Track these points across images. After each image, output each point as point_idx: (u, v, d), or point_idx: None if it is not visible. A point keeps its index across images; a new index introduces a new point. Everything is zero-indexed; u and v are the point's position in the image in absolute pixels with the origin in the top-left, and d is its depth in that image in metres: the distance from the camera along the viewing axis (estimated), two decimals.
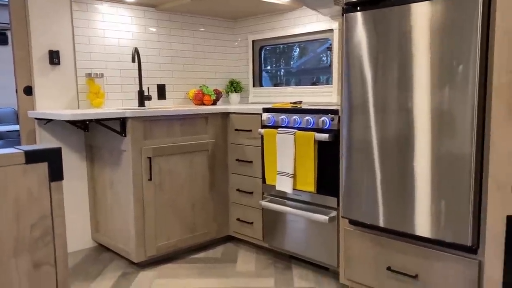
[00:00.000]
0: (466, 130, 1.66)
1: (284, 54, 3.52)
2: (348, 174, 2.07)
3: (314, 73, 3.31)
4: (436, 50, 1.71)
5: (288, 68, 3.49)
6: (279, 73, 3.57)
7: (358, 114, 2.00)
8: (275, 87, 3.42)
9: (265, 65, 3.61)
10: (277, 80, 3.57)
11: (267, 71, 3.62)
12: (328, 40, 3.11)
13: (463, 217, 1.70)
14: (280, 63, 3.57)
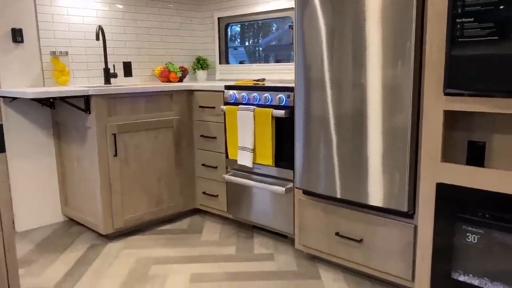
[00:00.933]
0: (405, 105, 1.80)
1: (249, 31, 3.60)
2: (303, 148, 2.20)
3: (278, 50, 3.40)
4: (385, 29, 1.83)
5: (254, 45, 3.57)
6: (245, 51, 3.65)
7: (313, 90, 2.12)
8: (240, 65, 3.51)
9: (231, 42, 3.68)
10: (243, 57, 3.65)
11: (234, 48, 3.69)
12: (290, 18, 3.19)
13: (401, 185, 1.86)
14: (246, 41, 3.64)
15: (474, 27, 1.52)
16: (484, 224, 1.63)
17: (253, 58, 3.59)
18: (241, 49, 3.67)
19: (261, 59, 3.52)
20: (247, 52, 3.63)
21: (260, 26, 3.51)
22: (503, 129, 1.70)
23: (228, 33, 3.66)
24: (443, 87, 1.64)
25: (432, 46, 1.67)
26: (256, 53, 3.56)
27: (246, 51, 3.65)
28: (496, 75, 1.49)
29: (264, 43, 3.51)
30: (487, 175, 1.59)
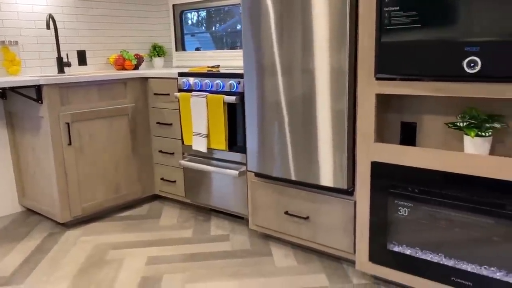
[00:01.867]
0: (343, 88, 1.91)
1: (205, 18, 3.63)
2: (254, 132, 2.29)
3: (233, 37, 3.46)
4: (327, 16, 1.92)
5: (210, 32, 3.61)
6: (201, 38, 3.68)
7: (262, 75, 2.20)
8: (196, 51, 3.55)
9: (187, 29, 3.71)
10: (199, 44, 3.69)
11: (191, 35, 3.72)
12: None
13: (341, 165, 1.98)
14: (202, 27, 3.68)
15: (400, 15, 1.63)
16: (413, 198, 1.78)
17: (209, 45, 3.63)
18: (198, 36, 3.70)
19: (218, 46, 3.57)
20: (204, 39, 3.67)
21: (216, 12, 3.55)
22: (432, 110, 1.84)
23: (184, 20, 3.68)
24: (374, 72, 1.76)
25: (364, 34, 1.77)
26: (212, 40, 3.60)
27: (202, 38, 3.68)
28: (422, 60, 1.61)
29: (220, 30, 3.55)
30: (416, 153, 1.73)
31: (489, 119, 1.63)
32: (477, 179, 1.60)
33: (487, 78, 1.48)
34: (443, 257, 1.75)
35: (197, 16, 3.67)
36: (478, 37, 1.46)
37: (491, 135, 1.63)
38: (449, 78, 1.57)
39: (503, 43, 1.42)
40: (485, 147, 1.64)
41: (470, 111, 1.68)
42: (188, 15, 3.68)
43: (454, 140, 1.80)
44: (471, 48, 1.48)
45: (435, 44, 1.56)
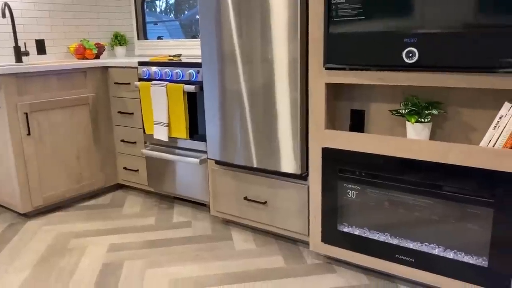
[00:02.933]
0: (296, 77, 1.98)
1: (167, 7, 3.63)
2: (214, 120, 2.35)
3: (195, 26, 3.48)
4: (282, 7, 1.98)
5: (172, 21, 3.62)
6: (164, 26, 3.69)
7: (222, 63, 2.25)
8: (158, 40, 3.55)
9: (149, 17, 3.70)
10: (162, 33, 3.69)
11: (154, 23, 3.71)
12: None
13: (296, 151, 2.06)
14: (165, 16, 3.68)
15: (346, 7, 1.71)
16: (361, 182, 1.88)
17: (172, 34, 3.64)
18: (160, 25, 3.70)
19: (180, 35, 3.58)
20: (166, 27, 3.67)
21: (178, 1, 3.55)
22: (379, 98, 1.95)
23: (146, 9, 3.67)
24: (324, 62, 1.84)
25: (314, 25, 1.85)
26: (175, 29, 3.61)
27: (165, 27, 3.69)
28: (367, 51, 1.70)
29: (183, 19, 3.57)
30: (363, 139, 1.83)
31: (428, 106, 1.74)
32: (417, 163, 1.71)
33: (424, 68, 1.58)
34: (389, 236, 1.86)
35: (159, 5, 3.66)
36: (416, 29, 1.56)
37: (430, 121, 1.74)
38: (391, 68, 1.67)
39: (437, 35, 1.52)
40: (425, 133, 1.75)
41: (412, 99, 1.79)
42: (150, 3, 3.67)
43: (399, 126, 1.91)
44: (409, 39, 1.58)
45: (378, 36, 1.65)
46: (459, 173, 1.62)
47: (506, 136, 1.54)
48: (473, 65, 1.48)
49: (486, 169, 1.56)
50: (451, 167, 1.63)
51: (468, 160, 1.59)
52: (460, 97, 1.73)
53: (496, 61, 1.44)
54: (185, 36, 3.56)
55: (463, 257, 1.68)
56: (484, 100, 1.68)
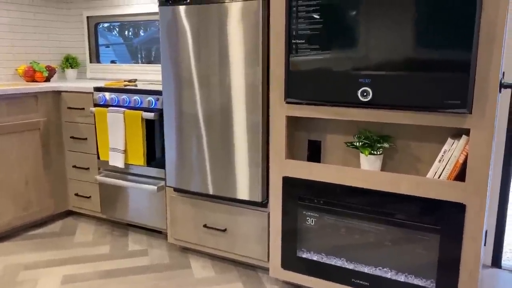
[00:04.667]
0: (258, 108, 2.07)
1: (122, 31, 3.62)
2: (173, 148, 2.37)
3: (150, 51, 3.50)
4: (242, 38, 2.06)
5: (126, 45, 3.61)
6: (117, 50, 3.66)
7: (182, 90, 2.28)
8: (112, 64, 3.52)
9: (102, 40, 3.66)
10: (115, 56, 3.66)
11: (106, 46, 3.68)
12: None
13: (256, 179, 2.13)
14: (119, 40, 3.66)
15: (305, 47, 1.83)
16: (319, 209, 1.98)
17: (125, 58, 3.62)
18: (114, 48, 3.68)
19: (134, 59, 3.57)
20: (120, 51, 3.65)
21: (133, 26, 3.56)
22: (334, 130, 2.07)
23: (98, 32, 3.63)
24: (285, 97, 1.94)
25: (275, 62, 1.95)
26: (129, 53, 3.60)
27: (118, 51, 3.66)
28: (325, 88, 1.82)
29: (137, 43, 3.57)
30: (320, 169, 1.94)
31: (380, 139, 1.89)
32: (372, 192, 1.84)
33: (377, 106, 1.73)
34: (345, 261, 1.97)
35: (113, 29, 3.64)
36: (369, 71, 1.71)
37: (382, 153, 1.89)
38: (347, 105, 1.80)
39: (389, 77, 1.67)
40: (378, 164, 1.89)
41: (365, 132, 1.93)
42: (103, 27, 3.64)
43: (353, 157, 2.04)
44: (363, 80, 1.72)
45: (336, 75, 1.78)
46: (409, 202, 1.76)
47: (449, 168, 1.70)
48: (420, 105, 1.64)
49: (433, 199, 1.71)
50: (403, 197, 1.77)
51: (417, 190, 1.74)
52: (408, 132, 1.89)
53: (440, 102, 1.60)
54: (132, 60, 3.56)
55: (413, 280, 1.82)
56: (429, 135, 1.85)
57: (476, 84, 1.56)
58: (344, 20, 1.73)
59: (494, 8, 1.50)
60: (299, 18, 1.82)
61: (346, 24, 1.73)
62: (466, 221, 1.67)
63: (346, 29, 1.73)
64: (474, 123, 1.60)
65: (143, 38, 3.55)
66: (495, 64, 1.53)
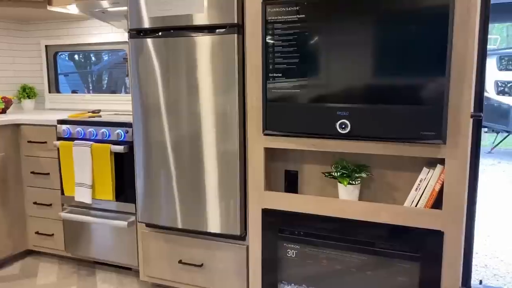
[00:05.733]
0: (234, 141, 2.05)
1: (83, 60, 3.52)
2: (144, 181, 2.30)
3: (113, 81, 3.42)
4: (215, 71, 2.06)
5: (88, 74, 3.51)
6: (78, 80, 3.55)
7: (151, 124, 2.23)
8: (73, 94, 3.40)
9: (62, 70, 3.54)
10: (76, 86, 3.55)
11: (66, 76, 3.56)
12: (124, 50, 3.25)
13: (234, 212, 2.11)
14: (80, 70, 3.55)
15: (283, 81, 1.85)
16: (299, 241, 1.98)
17: (87, 88, 3.51)
18: (75, 78, 3.56)
19: (96, 89, 3.48)
20: (81, 81, 3.54)
21: (94, 55, 3.47)
22: (311, 160, 2.09)
23: (58, 61, 3.51)
24: (263, 129, 1.94)
25: (252, 95, 1.96)
26: (90, 83, 3.50)
27: (79, 80, 3.55)
28: (304, 121, 1.84)
29: (99, 73, 3.48)
30: (299, 200, 1.95)
31: (357, 169, 1.93)
32: (352, 222, 1.86)
33: (356, 137, 1.77)
34: None
35: (73, 58, 3.53)
36: (348, 104, 1.75)
37: (359, 183, 1.92)
38: (326, 136, 1.83)
39: (367, 110, 1.72)
40: (356, 193, 1.92)
41: (342, 162, 1.96)
42: (62, 56, 3.52)
43: (330, 186, 2.07)
44: (342, 112, 1.76)
45: (314, 108, 1.81)
46: (389, 231, 1.80)
47: (426, 197, 1.76)
48: (398, 136, 1.70)
49: (412, 227, 1.76)
50: (382, 226, 1.81)
51: (396, 219, 1.78)
52: (383, 161, 1.95)
53: (416, 133, 1.66)
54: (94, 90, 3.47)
55: None
56: (404, 164, 1.91)
57: (450, 116, 1.64)
58: (321, 54, 1.77)
59: (463, 45, 1.59)
60: (276, 52, 1.85)
61: (323, 58, 1.77)
62: (444, 248, 1.72)
63: (323, 63, 1.77)
64: (448, 153, 1.67)
65: (105, 67, 3.47)
66: (466, 96, 1.62)
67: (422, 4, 1.59)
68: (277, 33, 1.83)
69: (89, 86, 3.50)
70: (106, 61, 3.48)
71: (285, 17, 1.80)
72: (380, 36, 1.67)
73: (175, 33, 2.11)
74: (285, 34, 1.81)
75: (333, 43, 1.75)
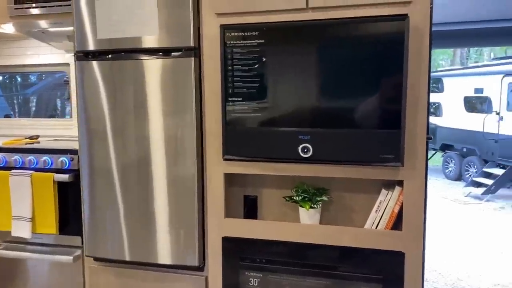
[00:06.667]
0: (190, 166, 1.98)
1: (18, 83, 3.28)
2: (90, 212, 2.14)
3: (52, 104, 3.21)
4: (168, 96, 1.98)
5: (24, 97, 3.27)
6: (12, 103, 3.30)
7: (97, 150, 2.10)
8: (6, 119, 3.15)
9: None
10: (9, 110, 3.29)
11: None
12: (64, 72, 3.07)
13: (191, 241, 2.02)
14: (14, 92, 3.31)
15: (243, 105, 1.83)
16: (262, 268, 1.93)
17: (19, 112, 3.28)
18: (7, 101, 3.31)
19: (32, 113, 3.25)
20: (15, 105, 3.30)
21: (30, 77, 3.25)
22: (270, 184, 2.07)
23: None
24: (222, 154, 1.90)
25: (211, 120, 1.92)
26: (26, 107, 3.26)
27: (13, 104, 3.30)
28: (264, 144, 1.82)
29: (37, 96, 3.26)
30: (261, 226, 1.91)
31: (317, 192, 1.93)
32: (313, 246, 1.85)
33: (318, 161, 1.77)
34: None
35: (9, 80, 3.29)
36: (309, 128, 1.75)
37: (320, 206, 1.93)
38: (288, 160, 1.82)
39: (328, 134, 1.74)
40: (317, 217, 1.92)
41: (302, 186, 1.96)
42: None
43: (290, 210, 2.05)
44: (303, 136, 1.76)
45: (275, 132, 1.80)
46: (351, 254, 1.81)
47: (386, 218, 1.79)
48: (359, 160, 1.73)
49: (374, 249, 1.78)
50: (345, 249, 1.81)
51: (359, 242, 1.79)
52: (342, 183, 1.97)
53: (376, 156, 1.70)
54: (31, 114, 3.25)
55: None
56: (362, 186, 1.94)
57: (407, 139, 1.69)
58: (281, 78, 1.77)
59: (417, 71, 1.67)
60: (235, 76, 1.82)
61: (283, 83, 1.77)
62: (406, 268, 1.75)
63: (283, 88, 1.77)
64: (406, 175, 1.72)
65: (44, 90, 3.26)
66: (421, 120, 1.68)
67: (380, 31, 1.65)
68: (237, 57, 1.81)
69: (24, 110, 3.26)
70: (43, 83, 3.28)
71: (244, 42, 1.79)
72: (339, 62, 1.70)
73: (126, 55, 2.02)
74: (245, 58, 1.80)
75: (293, 67, 1.76)
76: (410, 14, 1.63)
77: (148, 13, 1.93)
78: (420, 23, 1.65)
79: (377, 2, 1.67)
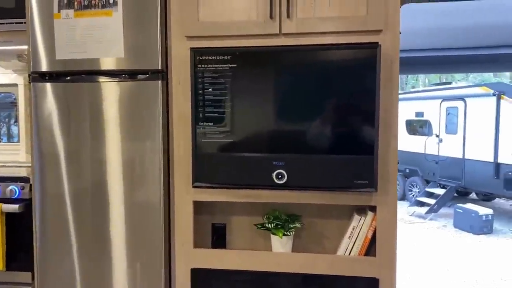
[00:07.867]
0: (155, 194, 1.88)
1: None
2: (41, 245, 1.97)
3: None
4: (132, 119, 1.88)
5: None
6: None
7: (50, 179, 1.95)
8: None
9: None
10: None
11: None
12: (12, 94, 2.86)
13: (156, 275, 1.90)
14: None
15: (214, 130, 1.77)
16: None
17: None
18: None
19: None
20: None
21: None
22: (240, 211, 2.01)
23: None
24: (192, 181, 1.82)
25: (179, 145, 1.84)
26: None
27: None
28: (237, 171, 1.77)
29: None
30: (232, 256, 1.84)
31: (289, 219, 1.89)
32: (286, 275, 1.80)
33: (292, 187, 1.74)
34: None
35: None
36: (283, 154, 1.73)
37: (293, 234, 1.89)
38: (261, 187, 1.77)
39: (303, 160, 1.72)
40: (289, 244, 1.88)
41: (274, 213, 1.91)
42: None
43: (261, 238, 1.99)
44: (278, 162, 1.73)
45: (248, 158, 1.75)
46: (325, 281, 1.78)
47: (360, 244, 1.79)
48: (333, 185, 1.72)
49: (348, 276, 1.76)
50: (319, 276, 1.78)
51: (333, 269, 1.77)
52: (313, 210, 1.95)
53: (350, 182, 1.70)
54: None
55: None
56: (333, 211, 1.93)
57: (380, 165, 1.71)
58: (254, 103, 1.74)
59: (389, 97, 1.70)
60: (206, 100, 1.77)
61: (256, 108, 1.74)
62: None
63: (257, 113, 1.74)
64: (379, 200, 1.73)
65: None
66: (393, 146, 1.71)
67: (353, 58, 1.67)
68: (208, 81, 1.76)
69: None
70: None
71: (216, 66, 1.74)
72: (312, 88, 1.70)
73: (87, 77, 1.91)
74: (216, 82, 1.75)
75: (266, 92, 1.73)
76: (381, 42, 1.66)
77: (113, 33, 1.84)
78: (390, 50, 1.69)
79: (349, 30, 1.70)
